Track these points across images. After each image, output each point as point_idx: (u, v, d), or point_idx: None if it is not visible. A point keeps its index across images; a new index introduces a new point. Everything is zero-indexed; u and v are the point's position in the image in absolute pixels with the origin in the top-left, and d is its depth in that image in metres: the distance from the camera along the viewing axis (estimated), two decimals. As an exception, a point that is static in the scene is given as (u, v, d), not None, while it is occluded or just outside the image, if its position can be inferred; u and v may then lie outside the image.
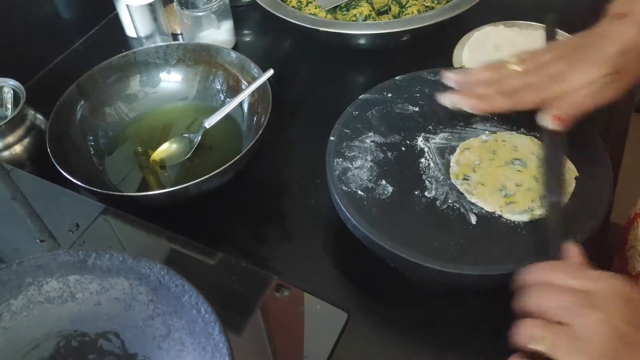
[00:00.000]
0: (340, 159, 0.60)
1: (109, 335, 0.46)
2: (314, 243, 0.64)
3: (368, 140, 0.62)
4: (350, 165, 0.59)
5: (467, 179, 0.57)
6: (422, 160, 0.60)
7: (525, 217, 0.53)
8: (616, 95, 0.52)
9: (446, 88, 0.61)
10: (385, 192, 0.57)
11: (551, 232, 0.49)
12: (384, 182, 0.58)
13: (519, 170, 0.56)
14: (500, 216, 0.54)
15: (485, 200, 0.55)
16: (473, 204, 0.55)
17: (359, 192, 0.57)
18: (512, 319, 0.54)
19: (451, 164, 0.59)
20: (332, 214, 0.60)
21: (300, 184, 0.71)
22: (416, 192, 0.56)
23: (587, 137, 0.59)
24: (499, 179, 0.56)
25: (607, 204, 0.54)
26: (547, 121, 0.54)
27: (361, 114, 0.64)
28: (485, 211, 0.54)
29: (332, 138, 0.62)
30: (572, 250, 0.45)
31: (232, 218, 0.68)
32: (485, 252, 0.51)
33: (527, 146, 0.58)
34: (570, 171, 0.56)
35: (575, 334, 0.38)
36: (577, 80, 0.52)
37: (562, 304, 0.40)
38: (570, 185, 0.55)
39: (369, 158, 0.60)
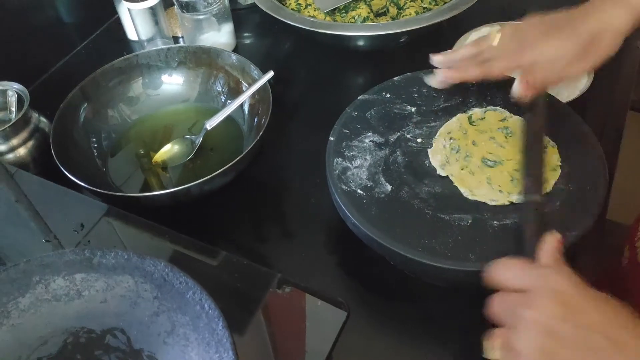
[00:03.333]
0: (340, 159, 0.61)
1: (115, 331, 0.47)
2: (314, 241, 0.65)
3: (367, 140, 0.63)
4: (350, 165, 0.60)
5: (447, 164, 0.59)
6: (421, 159, 0.61)
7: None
8: (592, 66, 0.54)
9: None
10: (384, 190, 0.58)
11: (527, 230, 0.49)
12: (383, 181, 0.59)
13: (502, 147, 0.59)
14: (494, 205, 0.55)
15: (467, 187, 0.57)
16: (468, 199, 0.56)
17: (359, 191, 0.58)
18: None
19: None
20: (332, 213, 0.61)
21: (300, 183, 0.72)
22: (415, 191, 0.57)
23: (582, 134, 0.60)
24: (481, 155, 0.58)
25: (602, 202, 0.54)
26: (517, 86, 0.55)
27: (360, 114, 0.65)
28: (480, 204, 0.55)
29: (331, 138, 0.63)
30: (549, 241, 0.44)
31: (234, 218, 0.69)
32: (483, 249, 0.52)
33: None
34: (553, 159, 0.57)
35: (517, 337, 0.38)
36: (548, 52, 0.54)
37: (504, 308, 0.40)
38: (554, 175, 0.56)
39: (368, 157, 0.61)
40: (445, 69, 0.60)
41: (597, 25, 0.53)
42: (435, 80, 0.61)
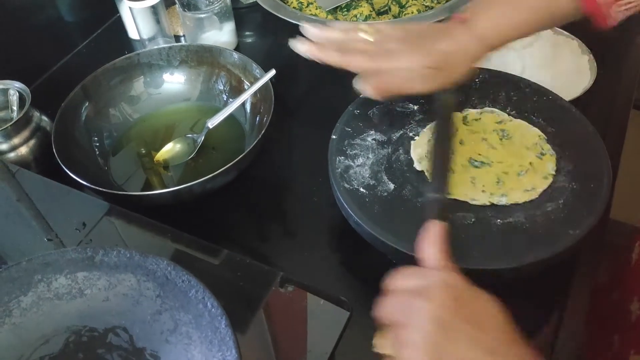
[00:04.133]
0: (342, 157, 0.61)
1: (118, 330, 0.47)
2: (316, 240, 0.65)
3: (369, 138, 0.63)
4: (352, 163, 0.60)
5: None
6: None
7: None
8: (438, 87, 0.56)
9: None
10: (387, 189, 0.58)
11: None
12: (385, 179, 0.58)
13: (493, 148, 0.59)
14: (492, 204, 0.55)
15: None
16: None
17: (361, 190, 0.57)
18: (512, 315, 0.55)
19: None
20: (334, 212, 0.61)
21: (302, 182, 0.72)
22: (417, 189, 0.57)
23: (586, 132, 0.60)
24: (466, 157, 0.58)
25: (605, 201, 0.54)
26: (360, 85, 0.57)
27: (362, 113, 0.65)
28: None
29: (334, 136, 0.63)
30: (432, 229, 0.45)
31: (236, 216, 0.69)
32: (486, 247, 0.52)
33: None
34: (547, 168, 0.57)
35: (409, 330, 0.39)
36: (401, 63, 0.56)
37: (400, 306, 0.41)
38: (544, 183, 0.56)
39: (370, 156, 0.61)
40: (311, 42, 0.60)
41: (450, 48, 0.56)
42: (298, 48, 0.61)
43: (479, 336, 0.37)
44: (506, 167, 0.57)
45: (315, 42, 0.60)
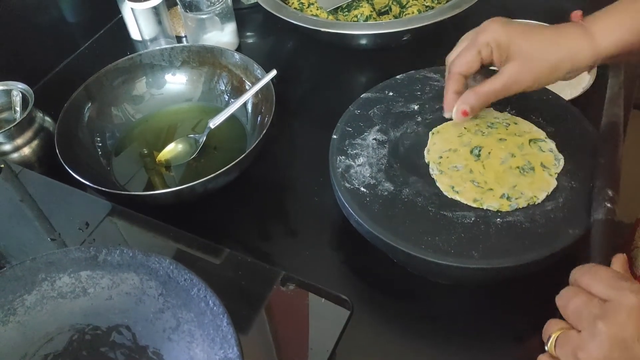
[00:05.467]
0: (343, 157, 0.61)
1: (121, 328, 0.47)
2: (317, 239, 0.66)
3: (370, 138, 0.63)
4: (353, 163, 0.60)
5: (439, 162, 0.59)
6: (423, 156, 0.61)
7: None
8: (527, 89, 0.56)
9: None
10: (387, 188, 0.58)
11: (597, 240, 0.48)
12: (385, 178, 0.59)
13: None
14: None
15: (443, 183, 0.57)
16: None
17: (362, 189, 0.58)
18: (512, 313, 0.56)
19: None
20: (335, 211, 0.61)
21: (303, 181, 0.72)
22: (418, 188, 0.58)
23: (585, 132, 0.60)
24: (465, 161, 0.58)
25: (605, 199, 0.54)
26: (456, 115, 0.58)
27: (363, 113, 0.65)
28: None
29: (334, 136, 0.63)
30: (617, 259, 0.43)
31: (237, 216, 0.69)
32: (486, 246, 0.52)
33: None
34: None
35: (580, 340, 0.38)
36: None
37: (580, 309, 0.39)
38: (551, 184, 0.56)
39: (371, 155, 0.61)
40: (455, 107, 0.60)
41: (565, 54, 0.54)
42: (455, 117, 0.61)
43: None
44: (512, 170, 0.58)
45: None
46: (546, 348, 0.41)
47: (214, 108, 0.79)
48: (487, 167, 0.57)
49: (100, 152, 0.75)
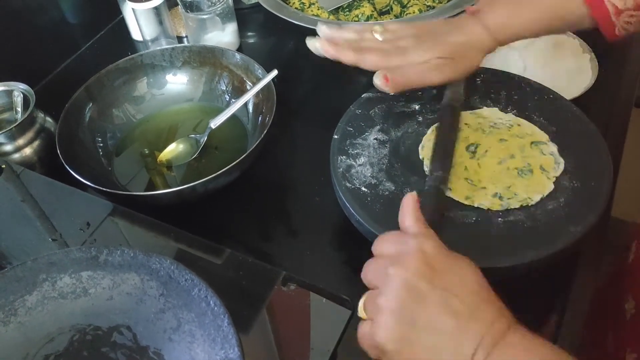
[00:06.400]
0: (344, 157, 0.61)
1: (122, 328, 0.47)
2: (319, 239, 0.66)
3: (371, 138, 0.63)
4: (354, 163, 0.60)
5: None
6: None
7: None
8: (452, 77, 0.58)
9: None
10: (388, 188, 0.58)
11: (424, 204, 0.50)
12: (386, 178, 0.59)
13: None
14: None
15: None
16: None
17: (363, 189, 0.58)
18: (512, 313, 0.55)
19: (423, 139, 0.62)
20: (336, 211, 0.61)
21: (304, 181, 0.72)
22: (419, 188, 0.57)
23: (587, 131, 0.60)
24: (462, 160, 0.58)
25: (606, 198, 0.54)
26: (378, 79, 0.58)
27: (364, 112, 0.65)
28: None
29: (335, 136, 0.63)
30: (407, 203, 0.46)
31: (238, 216, 0.69)
32: (487, 246, 0.52)
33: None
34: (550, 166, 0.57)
35: (383, 295, 0.40)
36: (414, 57, 0.57)
37: (377, 272, 0.42)
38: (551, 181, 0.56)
39: (372, 155, 0.61)
40: (326, 41, 0.61)
41: (461, 38, 0.57)
42: (314, 47, 0.62)
43: (448, 300, 0.39)
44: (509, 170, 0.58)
45: (331, 40, 0.61)
46: (359, 315, 0.43)
47: (215, 108, 0.79)
48: (483, 165, 0.57)
49: (101, 153, 0.75)
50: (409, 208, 0.45)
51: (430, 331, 0.38)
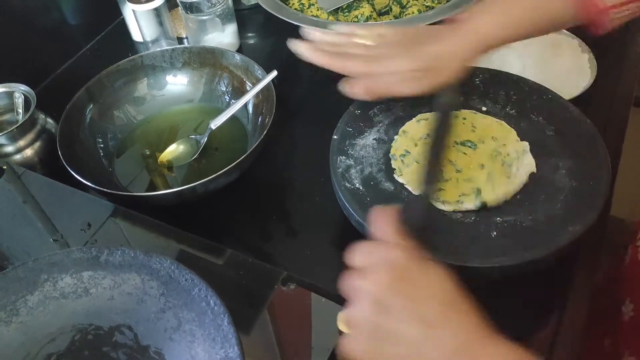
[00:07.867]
0: (344, 157, 0.61)
1: (123, 328, 0.47)
2: (319, 239, 0.66)
3: (370, 138, 0.63)
4: (353, 163, 0.61)
5: (405, 155, 0.59)
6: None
7: (449, 208, 0.55)
8: (427, 89, 0.57)
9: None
10: (388, 188, 0.58)
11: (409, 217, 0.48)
12: (386, 178, 0.59)
13: (464, 153, 0.59)
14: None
15: (411, 182, 0.57)
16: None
17: (362, 189, 0.58)
18: (513, 312, 0.56)
19: (396, 136, 0.62)
20: (336, 211, 0.61)
21: (304, 181, 0.72)
22: (418, 188, 0.58)
23: (586, 131, 0.60)
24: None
25: (605, 198, 0.55)
26: (347, 87, 0.58)
27: (363, 113, 0.66)
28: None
29: (335, 136, 0.63)
30: (378, 216, 0.45)
31: (239, 216, 0.70)
32: (485, 245, 0.52)
33: (487, 127, 0.61)
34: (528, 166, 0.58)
35: (354, 309, 0.40)
36: (390, 67, 0.57)
37: (347, 284, 0.42)
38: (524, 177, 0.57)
39: (371, 155, 0.61)
40: (307, 44, 0.61)
41: (438, 49, 0.57)
42: (295, 49, 0.62)
43: (415, 311, 0.38)
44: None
45: (313, 44, 0.61)
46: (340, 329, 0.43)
47: (215, 109, 0.80)
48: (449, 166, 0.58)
49: (102, 153, 0.75)
50: (388, 218, 0.44)
51: (397, 342, 0.38)
